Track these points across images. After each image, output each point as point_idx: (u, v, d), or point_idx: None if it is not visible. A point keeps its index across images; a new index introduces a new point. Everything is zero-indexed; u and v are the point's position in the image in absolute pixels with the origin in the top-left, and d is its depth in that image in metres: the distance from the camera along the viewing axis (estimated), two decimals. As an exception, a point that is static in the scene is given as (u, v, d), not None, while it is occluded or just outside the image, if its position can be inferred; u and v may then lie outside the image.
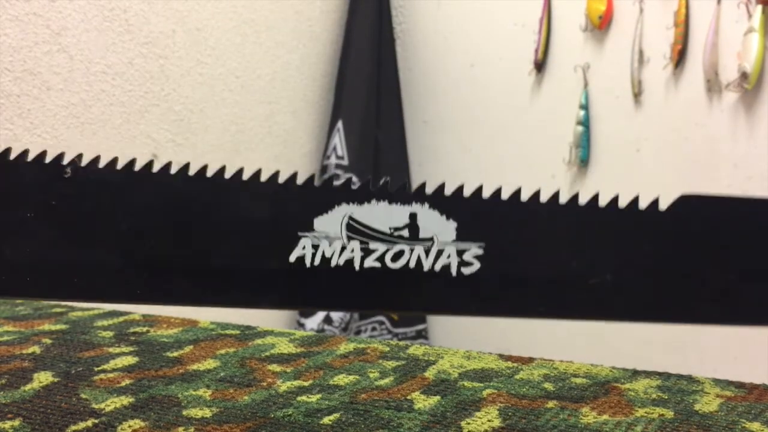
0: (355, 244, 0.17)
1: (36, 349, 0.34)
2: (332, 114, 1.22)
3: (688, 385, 0.29)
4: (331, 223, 0.17)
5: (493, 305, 0.17)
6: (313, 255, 0.17)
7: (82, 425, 0.25)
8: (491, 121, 1.23)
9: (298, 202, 0.17)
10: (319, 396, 0.28)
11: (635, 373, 0.31)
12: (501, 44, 1.21)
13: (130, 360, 0.32)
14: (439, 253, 0.17)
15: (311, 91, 1.21)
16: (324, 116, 1.23)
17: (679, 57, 1.04)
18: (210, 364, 0.32)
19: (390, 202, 0.17)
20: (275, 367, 0.31)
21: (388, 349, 0.34)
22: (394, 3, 1.30)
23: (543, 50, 1.16)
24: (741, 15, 1.00)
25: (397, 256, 0.17)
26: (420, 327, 1.28)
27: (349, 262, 0.17)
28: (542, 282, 0.17)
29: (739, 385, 0.29)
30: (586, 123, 1.13)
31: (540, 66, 1.17)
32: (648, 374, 0.31)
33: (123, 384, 0.29)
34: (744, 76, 0.97)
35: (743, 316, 0.17)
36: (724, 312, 0.17)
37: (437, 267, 0.17)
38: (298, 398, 0.28)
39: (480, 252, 0.17)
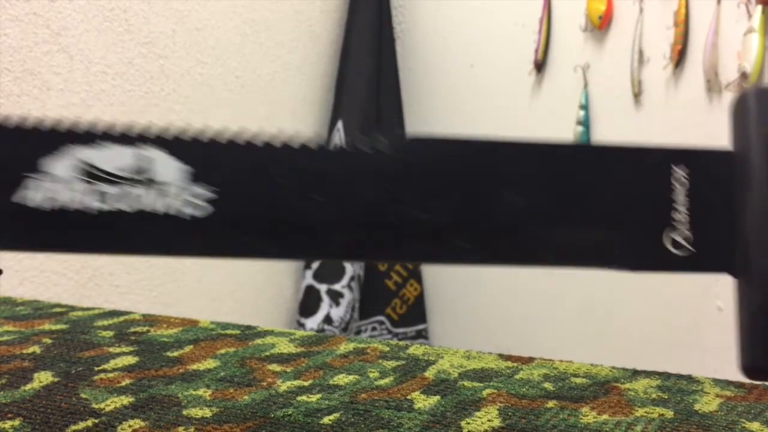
0: (85, 186, 0.17)
1: (36, 348, 0.34)
2: (332, 114, 1.22)
3: (688, 385, 0.29)
4: (58, 164, 0.17)
5: (226, 247, 0.18)
6: (39, 197, 0.16)
7: (82, 425, 0.25)
8: (491, 121, 1.23)
9: (24, 143, 0.17)
10: (319, 396, 0.28)
11: (635, 373, 0.31)
12: (501, 44, 1.21)
13: (130, 360, 0.32)
14: (170, 195, 0.17)
15: (311, 91, 1.21)
16: (324, 116, 1.23)
17: (679, 57, 1.04)
18: (210, 363, 0.32)
19: (120, 144, 0.17)
20: (275, 367, 0.31)
21: (388, 348, 0.34)
22: (394, 3, 1.30)
23: (543, 50, 1.16)
24: (741, 15, 1.00)
25: (125, 198, 0.17)
26: (420, 327, 1.28)
27: (80, 204, 0.17)
28: (272, 224, 0.17)
29: (739, 385, 0.29)
30: (586, 123, 1.13)
31: (540, 66, 1.17)
32: (648, 374, 0.31)
33: (123, 384, 0.29)
34: (744, 76, 0.97)
35: (449, 256, 0.18)
36: (434, 252, 0.17)
37: (170, 211, 0.17)
38: (298, 398, 0.28)
39: (212, 196, 0.17)
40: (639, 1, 1.08)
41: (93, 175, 0.17)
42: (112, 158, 0.17)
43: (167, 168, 0.17)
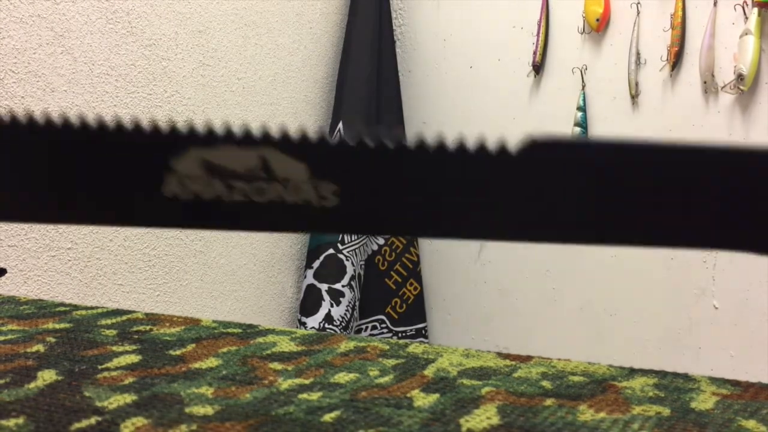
0: (214, 181, 0.18)
1: (40, 347, 0.34)
2: (333, 115, 1.22)
3: (685, 383, 0.29)
4: (186, 163, 0.18)
5: (356, 228, 0.20)
6: (182, 191, 0.18)
7: (85, 423, 0.25)
8: (490, 122, 1.23)
9: (158, 145, 0.18)
10: (319, 394, 0.28)
11: (632, 372, 0.31)
12: (500, 46, 1.22)
13: (133, 358, 0.33)
14: (295, 189, 0.18)
15: (312, 93, 1.22)
16: (325, 117, 1.24)
17: (676, 59, 1.05)
18: (212, 362, 0.32)
19: (238, 146, 0.18)
20: (276, 366, 0.32)
21: (388, 347, 0.34)
22: (394, 5, 1.30)
23: (541, 52, 1.16)
24: (737, 17, 1.00)
25: (252, 191, 0.18)
26: (419, 325, 1.29)
27: (213, 195, 0.18)
28: (393, 215, 0.18)
29: (735, 383, 0.30)
30: (583, 125, 1.13)
31: (538, 68, 1.17)
32: (645, 372, 0.31)
33: (126, 382, 0.29)
34: (740, 77, 0.98)
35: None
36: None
37: (298, 201, 0.18)
38: (299, 396, 0.28)
39: (336, 188, 0.18)
40: (636, 3, 1.08)
41: (218, 172, 0.18)
42: (234, 158, 0.18)
43: (285, 166, 0.18)
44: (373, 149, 0.17)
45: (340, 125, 1.19)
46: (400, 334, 1.26)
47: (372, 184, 0.18)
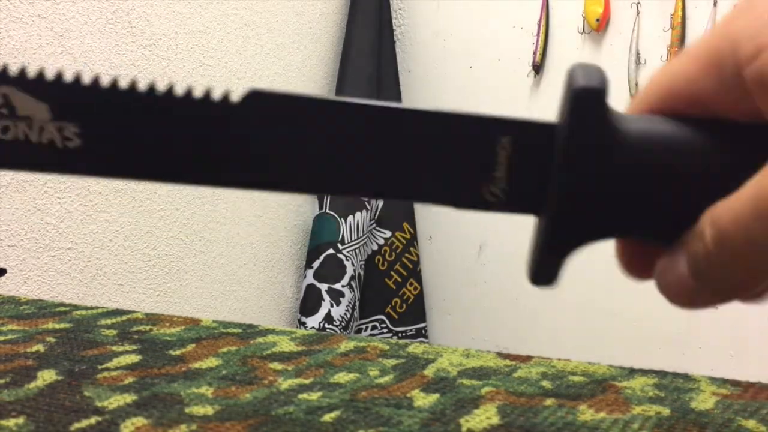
0: None
1: (40, 347, 0.34)
2: (332, 115, 1.22)
3: (684, 383, 0.30)
4: None
5: (99, 170, 0.20)
6: None
7: (85, 423, 0.25)
8: (490, 122, 1.23)
9: None
10: (319, 394, 0.28)
11: (632, 372, 0.31)
12: (500, 46, 1.22)
13: (133, 358, 0.33)
14: (42, 129, 0.18)
15: (312, 92, 1.22)
16: (324, 117, 1.24)
17: (677, 59, 1.05)
18: (212, 362, 0.32)
19: None
20: (276, 365, 0.32)
21: (388, 347, 0.34)
22: (394, 5, 1.30)
23: (541, 52, 1.16)
24: (738, 17, 1.00)
25: (4, 130, 0.18)
26: (419, 325, 1.29)
27: None
28: (134, 158, 0.19)
29: (735, 383, 0.30)
30: (584, 124, 1.13)
31: (538, 68, 1.17)
32: (645, 372, 0.31)
33: (126, 382, 0.29)
34: (741, 78, 0.98)
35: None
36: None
37: (42, 140, 0.19)
38: (299, 396, 0.28)
39: (77, 130, 0.19)
40: (636, 3, 1.08)
41: None
42: None
43: (27, 105, 0.18)
44: (109, 91, 0.18)
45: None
46: (400, 334, 1.27)
47: (109, 126, 0.19)
